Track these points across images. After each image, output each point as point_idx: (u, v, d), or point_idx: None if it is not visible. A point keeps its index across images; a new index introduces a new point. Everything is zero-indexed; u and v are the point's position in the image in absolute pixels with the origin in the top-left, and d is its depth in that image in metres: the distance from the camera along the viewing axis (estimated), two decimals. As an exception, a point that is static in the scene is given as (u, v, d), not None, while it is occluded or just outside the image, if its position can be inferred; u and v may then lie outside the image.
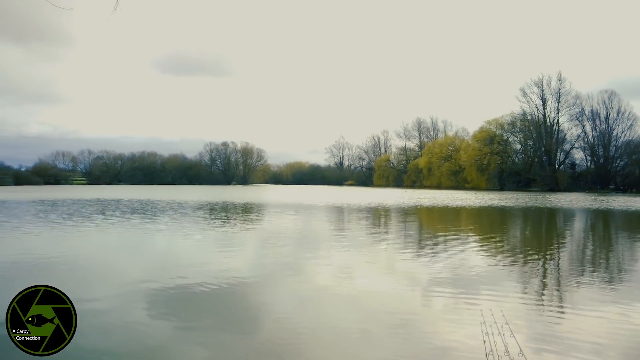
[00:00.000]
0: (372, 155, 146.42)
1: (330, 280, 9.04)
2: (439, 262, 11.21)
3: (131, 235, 16.66)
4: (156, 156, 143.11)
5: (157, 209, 29.28)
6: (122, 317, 6.56)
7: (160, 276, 9.06)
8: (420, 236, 17.36)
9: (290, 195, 57.33)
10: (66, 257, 11.37)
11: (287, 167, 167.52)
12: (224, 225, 20.44)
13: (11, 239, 15.06)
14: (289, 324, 6.29)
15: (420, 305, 7.38)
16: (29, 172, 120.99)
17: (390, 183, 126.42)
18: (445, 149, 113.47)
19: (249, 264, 10.76)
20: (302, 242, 14.78)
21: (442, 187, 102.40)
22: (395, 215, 26.87)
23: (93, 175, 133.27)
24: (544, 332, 5.98)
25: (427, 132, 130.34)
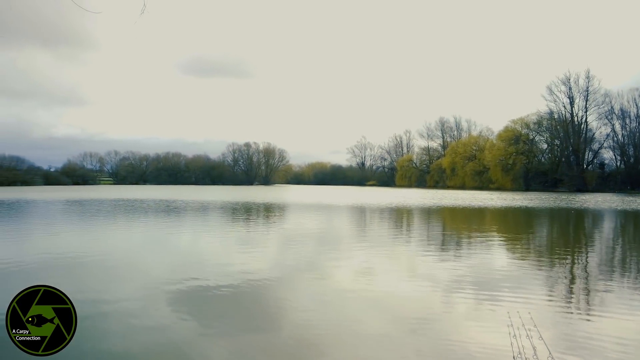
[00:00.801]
0: (394, 155, 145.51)
1: (351, 281, 8.98)
2: (462, 263, 11.03)
3: (155, 234, 16.92)
4: (180, 157, 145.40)
5: (181, 208, 29.68)
6: (145, 315, 6.65)
7: (183, 276, 9.16)
8: (443, 237, 17.12)
9: (312, 195, 57.38)
10: (92, 256, 11.63)
11: (308, 168, 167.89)
12: (246, 225, 20.57)
13: (40, 238, 15.50)
14: (309, 325, 6.27)
15: (442, 307, 7.26)
16: (58, 173, 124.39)
17: (413, 183, 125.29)
18: (469, 149, 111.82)
19: (270, 264, 10.78)
20: (323, 243, 14.74)
21: (466, 188, 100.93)
22: (417, 216, 26.59)
23: (119, 176, 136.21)
24: (573, 335, 5.82)
25: (451, 131, 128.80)
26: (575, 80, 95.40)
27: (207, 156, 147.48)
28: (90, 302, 7.26)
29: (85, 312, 6.66)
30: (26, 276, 9.09)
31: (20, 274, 9.37)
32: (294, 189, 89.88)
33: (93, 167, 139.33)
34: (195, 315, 6.70)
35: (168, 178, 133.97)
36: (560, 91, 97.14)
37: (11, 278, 9.00)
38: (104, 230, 17.78)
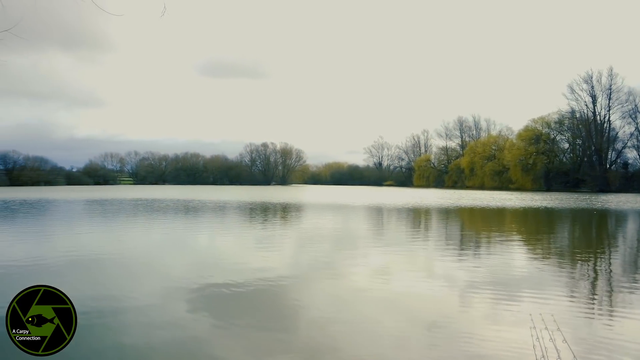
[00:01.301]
0: (411, 155, 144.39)
1: (367, 281, 8.93)
2: (480, 263, 10.86)
3: (174, 234, 17.09)
4: (198, 157, 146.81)
5: (199, 208, 29.94)
6: (164, 313, 6.72)
7: (200, 275, 9.24)
8: (460, 237, 16.89)
9: (329, 195, 57.34)
10: (112, 255, 11.83)
11: (325, 168, 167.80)
12: (263, 224, 20.63)
13: (62, 238, 15.80)
14: (325, 325, 6.25)
15: (460, 308, 7.17)
16: (79, 173, 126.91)
17: (431, 183, 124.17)
18: (488, 149, 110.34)
19: (286, 264, 10.77)
20: (339, 243, 14.69)
21: (485, 188, 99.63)
22: (435, 216, 26.32)
23: (139, 176, 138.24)
24: (597, 338, 5.69)
25: (469, 131, 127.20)
26: (597, 78, 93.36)
27: (225, 156, 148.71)
28: (109, 300, 7.38)
29: (103, 310, 6.79)
30: (48, 275, 9.29)
31: (41, 273, 9.58)
32: (311, 189, 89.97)
33: (114, 167, 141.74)
34: (213, 313, 6.75)
35: (187, 178, 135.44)
36: (582, 89, 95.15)
37: (34, 276, 9.18)
38: (123, 230, 18.03)
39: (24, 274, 9.24)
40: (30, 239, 15.26)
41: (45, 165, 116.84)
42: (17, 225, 19.64)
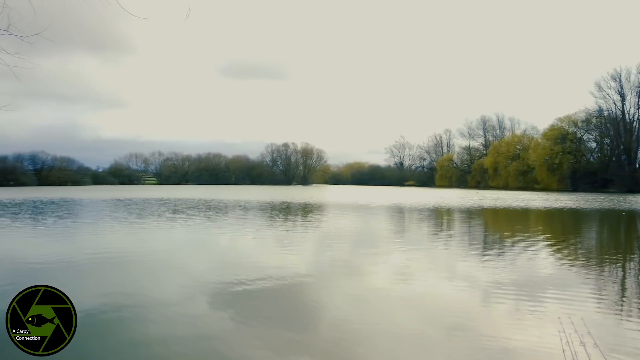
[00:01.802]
0: (433, 155, 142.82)
1: (388, 282, 8.87)
2: (504, 264, 10.65)
3: (196, 234, 17.30)
4: (221, 157, 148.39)
5: (221, 208, 30.24)
6: (186, 312, 6.79)
7: (222, 274, 9.32)
8: (483, 238, 16.62)
9: (350, 195, 57.20)
10: (136, 254, 12.05)
11: (346, 168, 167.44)
12: (284, 224, 20.70)
13: (88, 237, 16.17)
14: (345, 325, 6.22)
15: (484, 310, 7.04)
16: (105, 173, 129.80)
17: (453, 184, 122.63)
18: (512, 148, 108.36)
19: (307, 263, 10.78)
20: (359, 243, 14.63)
21: (510, 188, 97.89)
22: (457, 217, 25.96)
23: (163, 176, 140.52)
24: (628, 342, 5.49)
25: (493, 130, 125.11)
26: (626, 75, 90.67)
27: (247, 156, 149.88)
28: (132, 298, 7.50)
29: (127, 307, 6.92)
30: (73, 273, 9.53)
31: (68, 270, 9.83)
32: (331, 189, 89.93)
33: (138, 167, 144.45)
34: (234, 312, 6.79)
35: (209, 178, 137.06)
36: (610, 87, 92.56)
37: (60, 274, 9.44)
38: (147, 230, 18.33)
39: (51, 272, 9.50)
40: (57, 238, 15.67)
41: (72, 166, 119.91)
42: (45, 225, 20.19)
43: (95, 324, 6.18)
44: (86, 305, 6.91)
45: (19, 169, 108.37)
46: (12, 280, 8.63)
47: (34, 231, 17.72)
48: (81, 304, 7.02)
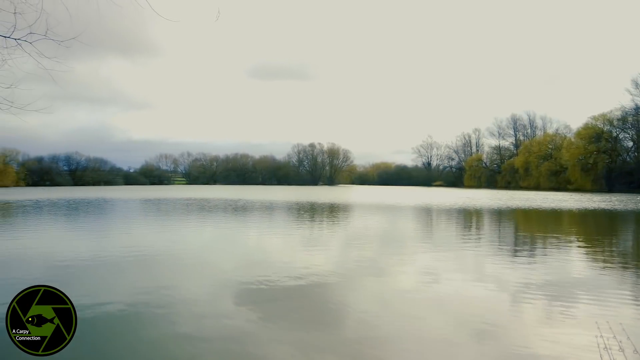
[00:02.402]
0: (462, 155, 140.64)
1: (414, 283, 8.76)
2: (535, 266, 10.38)
3: (224, 233, 17.52)
4: (248, 158, 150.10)
5: (248, 208, 30.55)
6: (213, 310, 6.88)
7: (249, 273, 9.40)
8: (513, 239, 16.24)
9: (376, 195, 56.85)
10: (165, 253, 12.32)
11: (373, 168, 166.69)
12: (310, 224, 20.74)
13: (120, 235, 16.61)
14: (370, 326, 6.19)
15: (514, 312, 6.87)
16: (136, 173, 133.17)
17: (482, 184, 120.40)
18: (544, 148, 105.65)
19: (333, 263, 10.77)
20: (386, 243, 14.53)
21: (541, 189, 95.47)
22: (487, 217, 25.45)
23: (192, 176, 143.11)
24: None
25: (524, 129, 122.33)
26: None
27: (273, 157, 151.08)
28: (161, 295, 7.66)
29: (156, 303, 7.07)
30: (105, 270, 9.81)
31: (100, 268, 10.13)
32: (358, 190, 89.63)
33: (168, 168, 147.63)
34: (260, 311, 6.84)
35: (236, 178, 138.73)
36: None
37: (92, 271, 9.73)
38: (176, 229, 18.68)
39: (83, 269, 9.80)
40: (90, 236, 16.14)
41: (105, 166, 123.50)
42: (79, 224, 20.85)
43: (125, 319, 6.33)
44: (117, 301, 7.11)
45: (54, 170, 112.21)
46: (47, 277, 8.93)
47: (68, 230, 18.31)
48: (112, 300, 7.24)
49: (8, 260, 10.86)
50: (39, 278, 8.73)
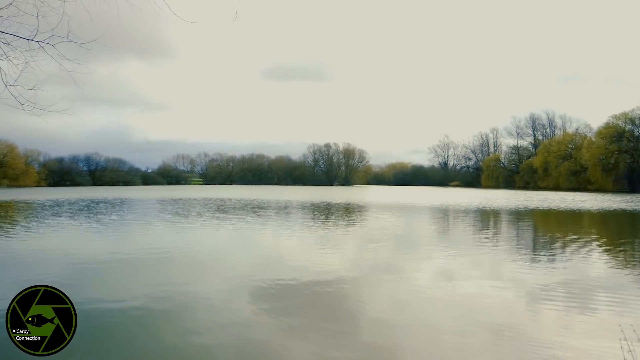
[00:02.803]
0: (479, 155, 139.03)
1: (430, 284, 8.69)
2: (554, 268, 10.21)
3: (239, 233, 17.64)
4: (263, 158, 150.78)
5: (264, 208, 30.68)
6: (228, 309, 6.93)
7: (264, 273, 9.45)
8: (532, 241, 15.98)
9: (392, 196, 56.57)
10: (182, 252, 12.48)
11: (388, 168, 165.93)
12: (326, 224, 20.74)
13: (138, 235, 16.84)
14: (386, 326, 6.15)
15: (533, 315, 6.76)
16: (154, 173, 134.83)
17: (500, 184, 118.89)
18: (564, 147, 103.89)
19: (348, 264, 10.75)
20: (401, 244, 14.44)
21: (561, 189, 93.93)
22: (505, 218, 25.11)
23: (208, 176, 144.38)
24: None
25: (543, 129, 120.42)
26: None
27: (289, 157, 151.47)
28: (178, 293, 7.74)
29: (173, 302, 7.15)
30: (125, 268, 9.99)
31: (119, 266, 10.31)
32: (374, 190, 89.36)
33: (185, 168, 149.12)
34: (275, 309, 6.87)
35: (252, 178, 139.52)
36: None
37: (111, 269, 9.90)
38: (193, 228, 18.86)
39: (102, 267, 9.97)
40: (109, 236, 16.41)
41: (124, 167, 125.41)
42: (98, 223, 21.22)
43: (141, 318, 6.41)
44: (134, 300, 7.21)
45: (74, 170, 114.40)
46: (66, 275, 9.10)
47: (87, 230, 18.63)
48: (129, 298, 7.34)
49: (30, 259, 11.09)
50: (59, 276, 8.92)
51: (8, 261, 10.82)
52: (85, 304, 6.90)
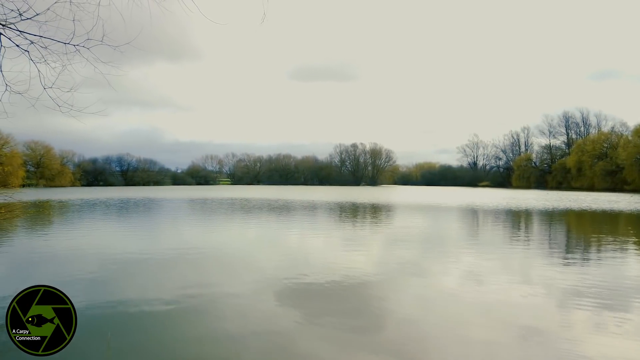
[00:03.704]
0: (510, 155, 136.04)
1: (457, 285, 8.57)
2: (587, 271, 9.90)
3: (267, 232, 17.80)
4: (290, 158, 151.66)
5: (291, 208, 30.84)
6: (255, 308, 7.00)
7: (291, 272, 9.52)
8: (563, 242, 15.51)
9: (420, 196, 55.98)
10: (211, 251, 12.72)
11: (416, 168, 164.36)
12: (352, 224, 20.69)
13: (168, 234, 17.21)
14: (412, 327, 6.11)
15: (563, 319, 6.57)
16: (183, 174, 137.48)
17: (532, 184, 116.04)
18: (598, 146, 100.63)
19: (374, 264, 10.70)
20: (428, 244, 14.27)
21: (595, 189, 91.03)
22: (536, 219, 24.47)
23: (236, 177, 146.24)
24: None
25: (576, 127, 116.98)
26: None
27: (315, 157, 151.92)
28: (206, 291, 7.88)
29: (201, 300, 7.28)
30: (155, 267, 10.23)
31: (150, 264, 10.58)
32: (401, 190, 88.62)
33: (213, 168, 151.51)
34: (301, 308, 6.91)
35: (279, 178, 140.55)
36: None
37: (142, 267, 10.17)
38: (221, 228, 19.14)
39: (133, 265, 10.27)
40: (140, 234, 16.83)
41: (154, 167, 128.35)
42: (130, 223, 21.78)
43: (171, 315, 6.55)
44: (164, 297, 7.37)
45: (107, 170, 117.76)
46: (99, 272, 9.39)
47: (119, 229, 19.12)
48: (161, 295, 7.51)
49: (66, 256, 11.47)
50: (93, 273, 9.23)
51: (46, 258, 11.21)
52: (117, 300, 7.13)
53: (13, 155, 77.79)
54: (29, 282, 7.62)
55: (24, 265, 10.36)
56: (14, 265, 10.45)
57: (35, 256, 11.49)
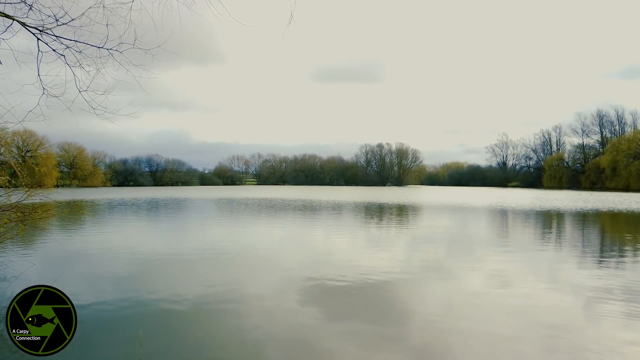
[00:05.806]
0: (541, 154, 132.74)
1: (483, 287, 8.41)
2: (618, 274, 9.57)
3: (292, 231, 17.86)
4: (316, 159, 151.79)
5: (317, 208, 30.89)
6: (279, 307, 7.03)
7: (316, 272, 9.55)
8: (595, 244, 14.99)
9: (447, 196, 55.17)
10: (236, 250, 12.85)
11: (443, 168, 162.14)
12: (378, 225, 20.58)
13: (196, 233, 17.52)
14: (437, 328, 6.02)
15: (591, 322, 6.37)
16: (210, 174, 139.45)
17: (564, 184, 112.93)
18: (634, 145, 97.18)
19: (399, 265, 10.60)
20: (454, 245, 14.05)
21: (631, 190, 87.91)
22: (568, 220, 23.76)
23: (262, 177, 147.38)
24: None
25: (611, 126, 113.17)
26: None
27: (341, 157, 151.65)
28: (231, 290, 7.99)
29: (226, 298, 7.37)
30: (183, 265, 10.42)
31: (177, 263, 10.78)
32: (427, 190, 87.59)
33: (240, 169, 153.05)
34: (325, 308, 6.91)
35: (305, 179, 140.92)
36: None
37: (169, 266, 10.38)
38: (247, 228, 19.33)
39: (161, 264, 10.50)
40: (168, 234, 17.18)
41: (182, 168, 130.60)
42: (160, 222, 22.26)
43: (197, 312, 6.65)
44: (190, 295, 7.49)
45: (137, 171, 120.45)
46: (129, 270, 9.61)
47: (148, 228, 19.55)
48: (187, 293, 7.62)
49: (97, 255, 11.80)
50: (123, 271, 9.48)
51: (80, 257, 11.55)
52: (147, 299, 7.32)
53: (48, 157, 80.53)
54: (62, 280, 7.88)
55: (59, 263, 10.70)
56: (49, 263, 10.77)
57: (70, 255, 11.85)
